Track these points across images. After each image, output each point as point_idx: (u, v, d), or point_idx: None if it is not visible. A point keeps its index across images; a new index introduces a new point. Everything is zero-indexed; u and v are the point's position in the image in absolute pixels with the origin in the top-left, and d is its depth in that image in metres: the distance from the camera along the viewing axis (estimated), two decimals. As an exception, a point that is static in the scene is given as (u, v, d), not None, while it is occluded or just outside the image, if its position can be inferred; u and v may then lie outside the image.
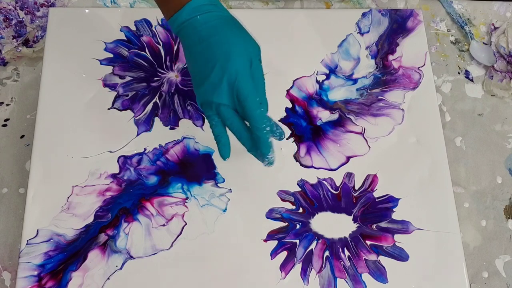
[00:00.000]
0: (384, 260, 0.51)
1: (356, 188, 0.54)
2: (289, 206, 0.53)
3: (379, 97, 0.59)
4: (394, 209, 0.54)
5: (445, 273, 0.51)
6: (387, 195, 0.54)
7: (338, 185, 0.54)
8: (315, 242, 0.52)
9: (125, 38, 0.59)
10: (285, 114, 0.57)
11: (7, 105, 0.57)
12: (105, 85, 0.57)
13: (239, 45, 0.43)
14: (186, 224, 0.51)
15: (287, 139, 0.56)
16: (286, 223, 0.52)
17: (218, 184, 0.53)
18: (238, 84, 0.42)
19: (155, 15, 0.60)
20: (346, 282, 0.50)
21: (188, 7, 0.43)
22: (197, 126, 0.56)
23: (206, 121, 0.56)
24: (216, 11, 0.44)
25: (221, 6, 0.45)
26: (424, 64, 0.60)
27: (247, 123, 0.46)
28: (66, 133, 0.54)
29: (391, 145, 0.56)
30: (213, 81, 0.43)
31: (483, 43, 0.64)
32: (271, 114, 0.57)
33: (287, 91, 0.58)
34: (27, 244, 0.49)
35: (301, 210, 0.53)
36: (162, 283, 0.49)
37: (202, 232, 0.51)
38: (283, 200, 0.53)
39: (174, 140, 0.55)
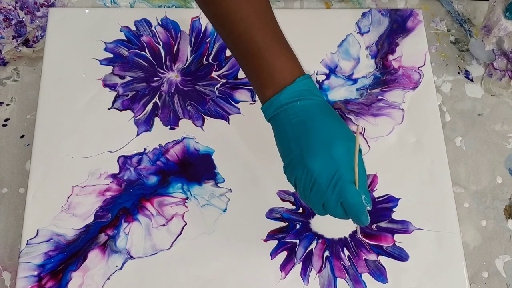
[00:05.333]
0: (384, 260, 0.51)
1: (356, 188, 0.54)
2: (289, 206, 0.53)
3: (379, 97, 0.59)
4: (394, 209, 0.54)
5: (445, 273, 0.51)
6: (387, 195, 0.54)
7: (338, 185, 0.54)
8: (315, 242, 0.52)
9: (125, 38, 0.59)
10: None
11: (7, 105, 0.57)
12: (105, 85, 0.57)
13: (341, 131, 0.40)
14: (186, 224, 0.51)
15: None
16: (286, 223, 0.52)
17: (218, 184, 0.53)
18: (343, 186, 0.39)
19: (155, 15, 0.60)
20: (346, 282, 0.50)
21: (289, 90, 0.40)
22: (197, 126, 0.56)
23: (206, 121, 0.56)
24: (314, 98, 0.41)
25: (318, 91, 0.42)
26: (424, 64, 0.60)
27: None
28: (66, 133, 0.54)
29: (391, 145, 0.56)
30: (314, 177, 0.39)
31: (482, 40, 0.64)
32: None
33: (287, 91, 0.58)
34: (27, 244, 0.49)
35: (301, 210, 0.53)
36: (162, 283, 0.49)
37: (202, 232, 0.51)
38: (283, 200, 0.53)
39: (174, 140, 0.55)
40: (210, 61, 0.59)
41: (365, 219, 0.41)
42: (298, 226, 0.52)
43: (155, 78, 0.58)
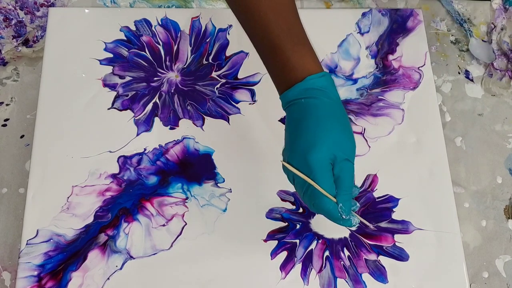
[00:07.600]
0: (384, 260, 0.51)
1: (356, 188, 0.54)
2: (289, 206, 0.53)
3: (379, 97, 0.59)
4: (394, 209, 0.54)
5: (445, 273, 0.51)
6: (387, 195, 0.54)
7: (338, 185, 0.54)
8: (315, 242, 0.52)
9: (125, 38, 0.59)
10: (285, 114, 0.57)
11: (7, 105, 0.57)
12: (105, 85, 0.57)
13: (329, 137, 0.40)
14: (186, 224, 0.51)
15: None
16: (286, 223, 0.52)
17: (218, 184, 0.53)
18: (312, 192, 0.40)
19: (155, 15, 0.60)
20: (346, 282, 0.50)
21: (301, 86, 0.41)
22: (197, 126, 0.56)
23: (206, 121, 0.56)
24: (321, 98, 0.41)
25: (331, 91, 0.42)
26: (424, 64, 0.60)
27: None
28: (66, 133, 0.54)
29: (391, 145, 0.56)
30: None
31: (482, 40, 0.64)
32: (270, 114, 0.57)
33: (287, 91, 0.58)
34: (27, 244, 0.49)
35: (301, 210, 0.53)
36: (162, 283, 0.49)
37: (202, 232, 0.51)
38: (283, 200, 0.53)
39: (174, 140, 0.55)
40: (210, 61, 0.59)
41: (346, 223, 0.41)
42: (298, 226, 0.52)
43: (155, 78, 0.58)
